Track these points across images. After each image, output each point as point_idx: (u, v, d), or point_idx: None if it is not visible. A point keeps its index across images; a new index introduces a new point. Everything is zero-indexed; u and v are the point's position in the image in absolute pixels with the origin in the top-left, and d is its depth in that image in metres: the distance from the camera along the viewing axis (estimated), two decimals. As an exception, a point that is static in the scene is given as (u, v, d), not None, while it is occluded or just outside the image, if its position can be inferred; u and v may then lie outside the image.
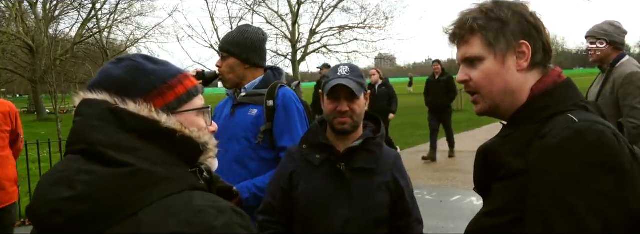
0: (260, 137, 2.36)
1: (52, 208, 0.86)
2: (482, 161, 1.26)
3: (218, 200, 0.93)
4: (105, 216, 0.86)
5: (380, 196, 1.91)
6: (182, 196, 0.90)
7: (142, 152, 0.92)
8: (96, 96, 0.97)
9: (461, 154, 9.03)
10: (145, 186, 0.88)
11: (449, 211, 5.53)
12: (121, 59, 1.04)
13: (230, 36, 2.45)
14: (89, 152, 0.92)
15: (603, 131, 1.04)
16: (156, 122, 0.95)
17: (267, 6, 19.97)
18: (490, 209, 1.20)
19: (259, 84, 2.47)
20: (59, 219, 0.86)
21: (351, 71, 1.93)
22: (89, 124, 0.95)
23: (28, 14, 22.18)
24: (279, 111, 2.37)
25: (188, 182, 0.95)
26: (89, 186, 0.87)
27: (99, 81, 1.01)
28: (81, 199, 0.86)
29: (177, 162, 0.96)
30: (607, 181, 1.01)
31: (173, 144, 0.96)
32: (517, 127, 1.19)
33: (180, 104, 1.02)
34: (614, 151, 1.02)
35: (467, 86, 1.27)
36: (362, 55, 20.37)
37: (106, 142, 0.91)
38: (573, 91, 1.20)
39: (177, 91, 1.02)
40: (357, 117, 1.91)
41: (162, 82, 1.01)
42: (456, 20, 1.26)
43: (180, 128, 0.97)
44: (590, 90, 3.62)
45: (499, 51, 1.20)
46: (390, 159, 1.98)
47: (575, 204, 1.01)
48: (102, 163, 0.90)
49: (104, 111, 0.95)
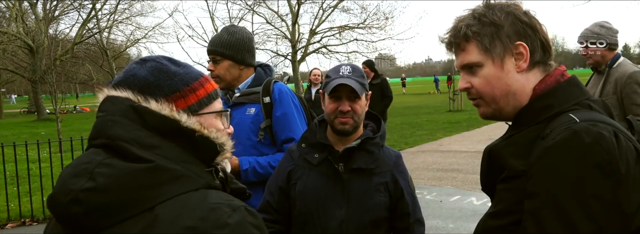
0: (261, 135, 2.38)
1: (73, 198, 0.89)
2: (487, 161, 1.26)
3: (232, 199, 0.96)
4: (123, 208, 0.89)
5: (378, 197, 1.89)
6: (198, 194, 0.93)
7: (161, 149, 0.95)
8: (120, 94, 1.00)
9: (461, 154, 9.03)
10: (162, 182, 0.91)
11: (449, 211, 5.53)
12: (145, 60, 1.07)
13: (222, 38, 2.42)
14: (110, 146, 0.95)
15: (601, 132, 1.02)
16: (177, 121, 0.98)
17: (267, 6, 19.99)
18: (494, 210, 1.20)
19: (252, 82, 2.48)
20: (78, 209, 0.88)
21: (353, 71, 1.92)
22: (112, 119, 0.97)
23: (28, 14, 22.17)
24: (276, 106, 2.39)
25: (204, 180, 0.97)
26: (109, 178, 0.89)
27: (124, 79, 1.04)
28: (100, 190, 0.89)
29: (195, 161, 0.99)
30: (603, 184, 0.99)
31: (192, 143, 0.99)
32: (520, 128, 1.18)
33: (201, 107, 1.06)
34: (611, 154, 1.00)
35: (469, 93, 1.26)
36: (362, 55, 20.36)
37: (127, 138, 0.94)
38: (577, 89, 1.19)
39: (198, 94, 1.06)
40: (358, 118, 1.90)
41: (185, 84, 1.04)
42: (450, 28, 1.26)
43: (200, 128, 1.00)
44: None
45: (497, 55, 1.20)
46: (391, 159, 1.97)
47: (569, 207, 1.00)
48: (122, 158, 0.93)
49: (127, 108, 0.98)
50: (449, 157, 8.94)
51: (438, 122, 14.86)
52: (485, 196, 6.15)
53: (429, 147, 10.23)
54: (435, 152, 9.58)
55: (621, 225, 1.00)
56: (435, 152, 9.51)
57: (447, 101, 19.90)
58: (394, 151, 2.05)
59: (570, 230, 0.99)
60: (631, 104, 3.30)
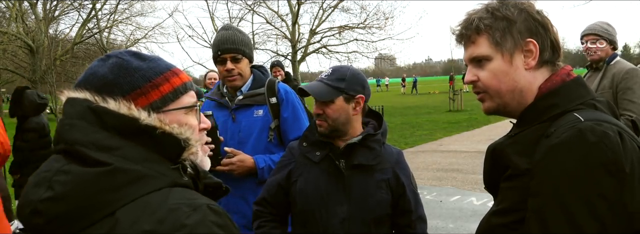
0: (271, 135, 2.40)
1: (33, 209, 0.87)
2: (491, 159, 1.26)
3: (195, 198, 0.93)
4: (83, 216, 0.86)
5: (380, 194, 1.89)
6: (159, 194, 0.90)
7: (121, 150, 0.92)
8: (79, 95, 0.97)
9: (461, 154, 9.03)
10: (122, 184, 0.88)
11: (449, 211, 5.53)
12: (109, 56, 1.03)
13: (237, 37, 2.41)
14: (69, 151, 0.92)
15: (606, 131, 1.02)
16: (135, 119, 0.94)
17: (267, 6, 19.94)
18: (497, 208, 1.20)
19: (252, 83, 2.48)
20: (39, 220, 0.86)
21: (331, 74, 1.91)
22: (70, 123, 0.95)
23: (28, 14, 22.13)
24: (283, 106, 2.41)
25: (169, 179, 0.94)
26: (66, 186, 0.87)
27: (84, 79, 1.00)
28: (58, 199, 0.86)
29: (159, 159, 0.95)
30: (608, 183, 0.99)
31: (153, 141, 0.95)
32: (524, 127, 1.18)
33: (165, 103, 1.01)
34: (616, 153, 1.00)
35: (475, 86, 1.26)
36: (362, 55, 20.33)
37: (85, 141, 0.91)
38: (583, 89, 1.19)
39: (162, 89, 1.00)
40: (333, 121, 1.88)
41: (146, 80, 0.99)
42: (462, 20, 1.26)
43: (160, 125, 0.96)
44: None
45: (506, 50, 1.20)
46: (392, 156, 1.97)
47: (574, 206, 1.00)
48: (81, 162, 0.89)
49: (85, 109, 0.95)
50: (449, 157, 8.94)
51: (438, 122, 14.85)
52: (485, 196, 6.12)
53: (429, 147, 10.22)
54: (435, 152, 9.57)
55: (625, 225, 0.99)
56: (435, 152, 9.51)
57: (447, 101, 19.90)
58: (395, 148, 2.05)
59: (573, 229, 0.99)
60: (623, 99, 3.36)
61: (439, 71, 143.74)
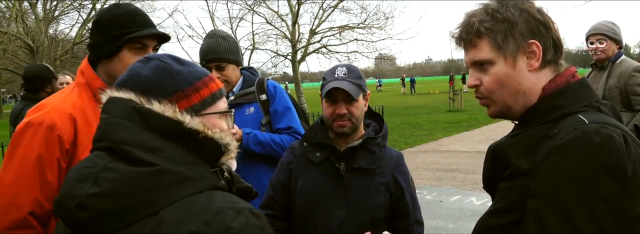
0: (263, 130, 2.48)
1: (78, 203, 0.89)
2: (491, 159, 1.24)
3: (237, 201, 0.95)
4: (128, 213, 0.88)
5: (378, 197, 1.89)
6: (203, 196, 0.93)
7: (165, 152, 0.94)
8: (122, 95, 0.99)
9: (461, 154, 9.03)
10: (167, 185, 0.91)
11: (449, 211, 5.53)
12: (149, 58, 1.06)
13: (221, 45, 2.48)
14: (114, 150, 0.94)
15: (611, 134, 1.01)
16: (180, 122, 0.97)
17: (267, 6, 19.93)
18: (495, 208, 1.19)
19: (242, 84, 2.58)
20: (84, 214, 0.88)
21: (349, 72, 1.90)
22: (115, 122, 0.97)
23: (28, 14, 22.13)
24: (272, 100, 2.51)
25: (209, 182, 0.97)
26: (114, 183, 0.89)
27: (127, 79, 1.03)
28: (105, 196, 0.88)
29: (199, 162, 0.98)
30: (609, 186, 0.98)
31: (196, 144, 0.98)
32: (527, 127, 1.17)
33: (204, 106, 1.04)
34: (620, 157, 0.99)
35: (478, 91, 1.24)
36: (363, 55, 20.32)
37: (131, 141, 0.94)
38: (587, 91, 1.17)
39: (202, 93, 1.04)
40: (356, 119, 1.90)
41: (188, 84, 1.03)
42: (462, 23, 1.22)
43: (204, 129, 0.99)
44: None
45: (509, 53, 1.17)
46: (392, 159, 1.97)
47: (573, 207, 0.99)
48: (126, 161, 0.92)
49: (129, 109, 0.97)
50: (449, 157, 8.93)
51: (438, 122, 14.84)
52: (486, 196, 6.09)
53: (429, 147, 10.22)
54: (435, 152, 9.57)
55: (623, 229, 0.98)
56: (435, 152, 9.50)
57: (447, 101, 19.89)
58: (396, 151, 2.05)
59: (571, 230, 0.98)
60: (634, 95, 3.42)
61: (439, 71, 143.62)
